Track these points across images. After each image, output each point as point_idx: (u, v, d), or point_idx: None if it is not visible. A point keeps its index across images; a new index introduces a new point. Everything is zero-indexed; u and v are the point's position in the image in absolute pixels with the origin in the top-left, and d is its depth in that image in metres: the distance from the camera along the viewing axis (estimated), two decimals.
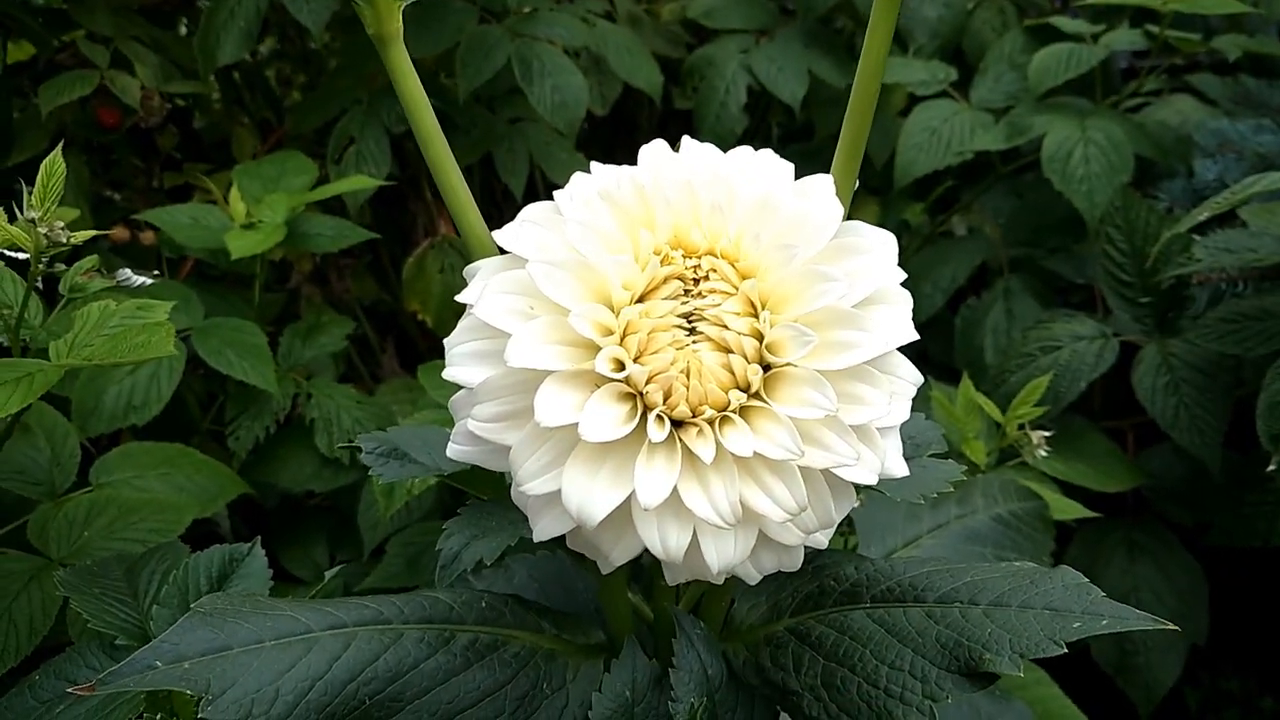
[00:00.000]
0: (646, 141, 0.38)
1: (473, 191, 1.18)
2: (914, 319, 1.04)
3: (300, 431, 0.91)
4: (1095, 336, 0.83)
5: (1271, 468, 0.65)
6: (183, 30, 1.18)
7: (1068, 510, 0.72)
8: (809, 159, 1.28)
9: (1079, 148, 0.92)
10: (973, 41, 1.18)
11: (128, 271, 0.59)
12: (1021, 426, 0.72)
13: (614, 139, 1.48)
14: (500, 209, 1.35)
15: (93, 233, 0.52)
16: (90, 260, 0.59)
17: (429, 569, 0.85)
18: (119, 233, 1.07)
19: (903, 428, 0.49)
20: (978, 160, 1.13)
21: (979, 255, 1.07)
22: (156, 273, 0.62)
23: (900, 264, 1.01)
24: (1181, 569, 0.83)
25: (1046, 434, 0.71)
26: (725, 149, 1.12)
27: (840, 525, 0.67)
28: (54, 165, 0.49)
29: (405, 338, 1.36)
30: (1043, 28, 1.05)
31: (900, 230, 1.24)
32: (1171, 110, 1.12)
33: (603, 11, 1.20)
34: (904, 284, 1.07)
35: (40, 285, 0.59)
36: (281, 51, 1.37)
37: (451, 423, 0.36)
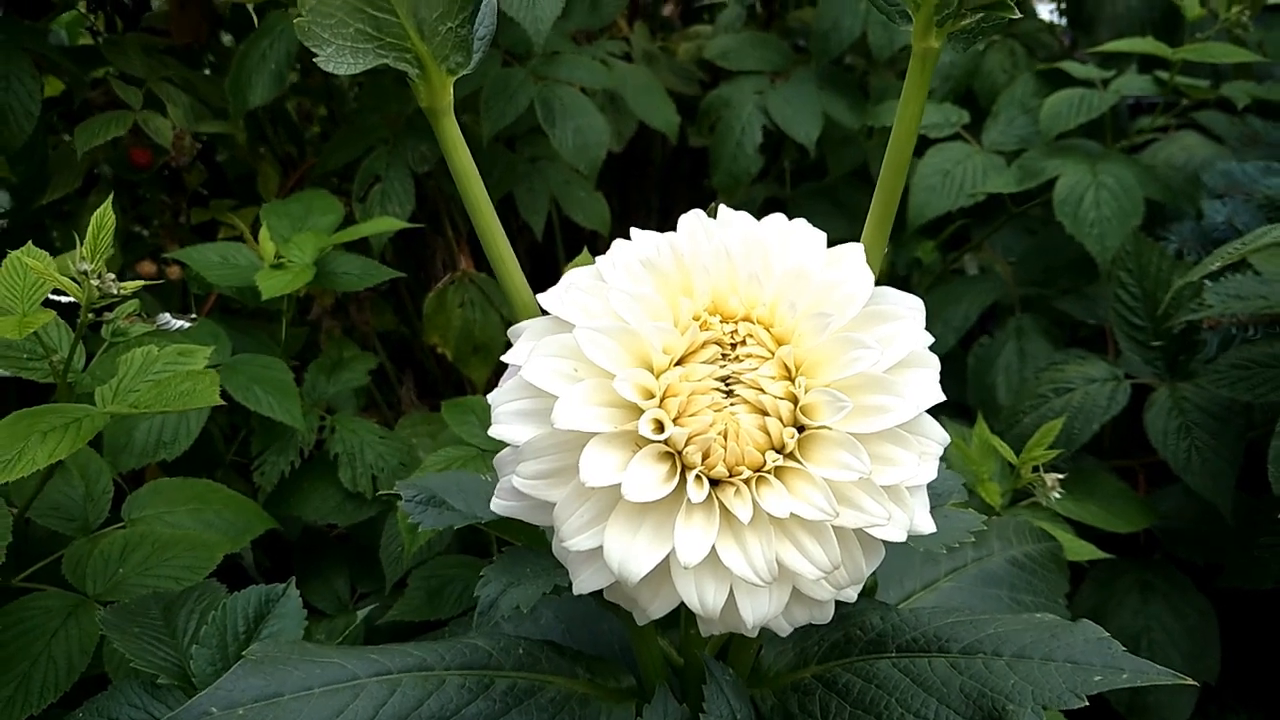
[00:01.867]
0: (659, 179, 0.39)
1: None
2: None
3: (324, 465, 0.92)
4: (1108, 379, 0.84)
5: None
6: (207, 69, 1.21)
7: (1081, 551, 0.73)
8: (821, 196, 1.30)
9: (1090, 191, 0.93)
10: (984, 83, 1.20)
11: (167, 316, 0.61)
12: (1036, 469, 0.74)
13: (627, 174, 1.51)
14: (515, 246, 1.37)
15: (141, 283, 0.53)
16: (132, 305, 0.61)
17: (449, 602, 0.86)
18: (146, 268, 1.09)
19: None
20: (990, 199, 1.14)
21: (991, 294, 1.08)
22: (194, 316, 0.63)
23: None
24: (1193, 609, 0.84)
25: (1060, 476, 0.72)
26: (739, 188, 1.14)
27: None
28: (104, 219, 0.51)
29: (422, 369, 1.37)
30: (1054, 72, 1.07)
31: (912, 268, 1.26)
32: (1178, 147, 1.13)
33: (621, 53, 1.22)
34: None
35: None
36: (302, 86, 1.40)
37: (477, 462, 0.38)
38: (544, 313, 0.37)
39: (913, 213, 1.03)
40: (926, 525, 0.37)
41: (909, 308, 0.36)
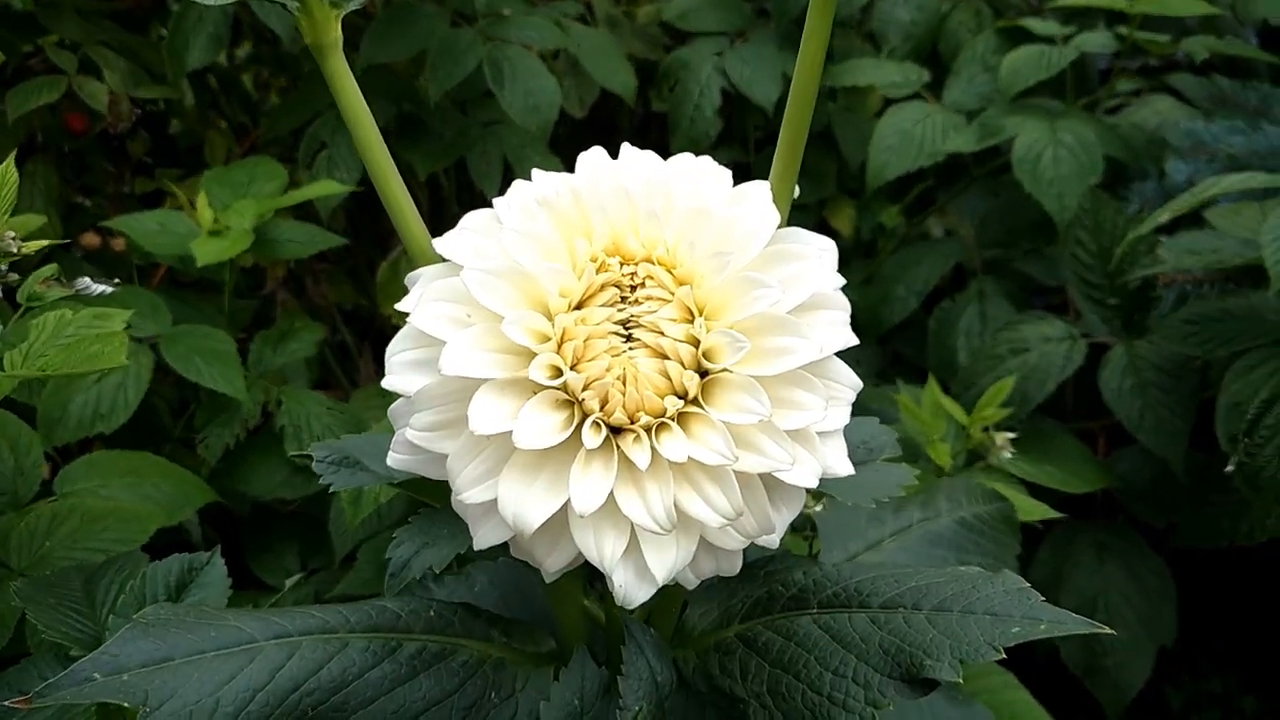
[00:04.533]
0: (626, 143, 0.38)
1: (450, 195, 1.18)
2: (887, 323, 1.05)
3: (271, 439, 0.90)
4: (1064, 338, 0.83)
5: (1229, 468, 0.65)
6: (158, 36, 1.18)
7: (1034, 512, 0.72)
8: None
9: (1049, 149, 0.92)
10: (948, 43, 1.18)
11: (87, 280, 0.59)
12: (986, 429, 0.73)
13: (593, 141, 1.48)
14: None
15: (46, 243, 0.51)
16: (49, 269, 0.58)
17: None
18: (90, 239, 1.07)
19: (856, 433, 0.49)
20: (953, 161, 1.13)
21: (953, 257, 1.07)
22: (117, 280, 0.61)
23: (875, 267, 1.02)
24: (1150, 571, 0.84)
25: (1011, 436, 0.71)
26: (699, 151, 1.12)
27: (804, 529, 0.67)
28: (6, 174, 0.49)
29: (383, 341, 1.35)
30: (1014, 30, 1.05)
31: (876, 232, 1.24)
32: (1150, 110, 1.12)
33: (577, 15, 1.20)
34: (877, 287, 1.07)
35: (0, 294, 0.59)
36: (258, 55, 1.37)
37: None
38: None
39: (871, 174, 1.02)
40: (842, 468, 0.35)
41: (817, 248, 0.35)
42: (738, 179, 0.38)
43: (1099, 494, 0.87)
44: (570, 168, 0.37)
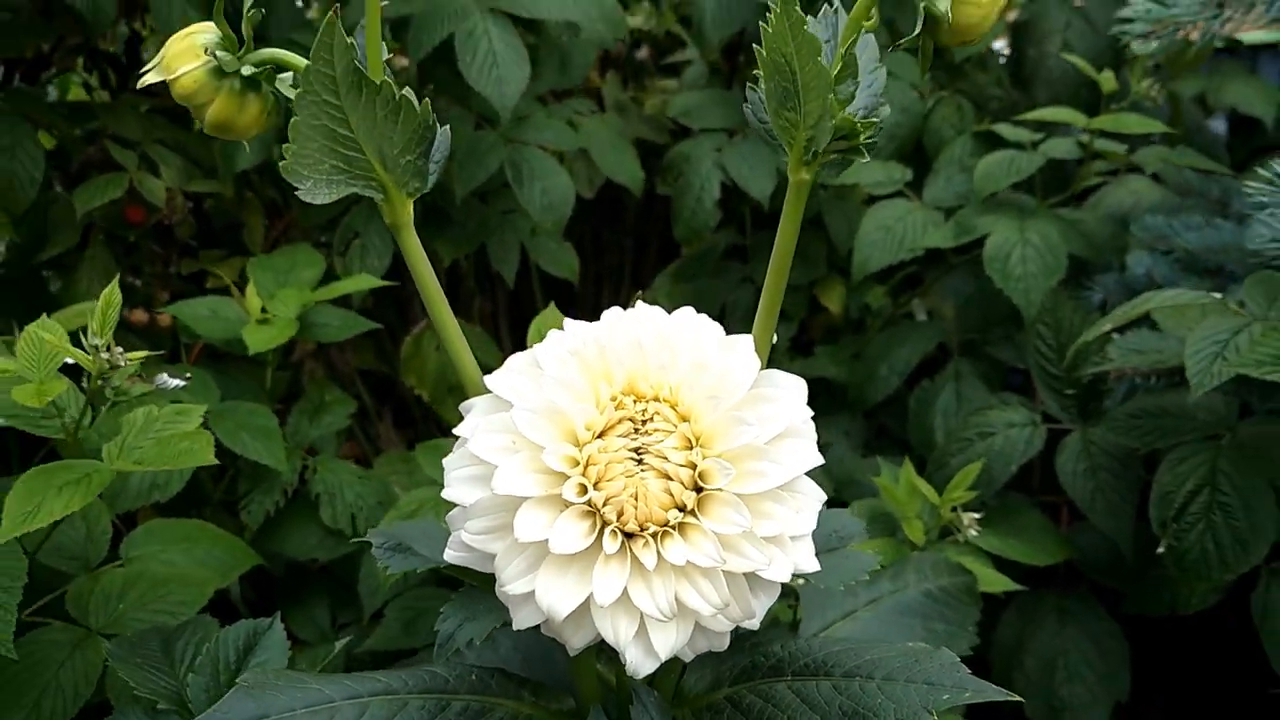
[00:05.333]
0: (632, 219, 0.46)
1: (468, 271, 1.28)
2: (871, 399, 1.14)
3: (305, 504, 0.99)
4: (1026, 424, 0.92)
5: (1160, 550, 0.73)
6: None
7: (997, 584, 0.80)
8: None
9: (1018, 249, 1.02)
10: (932, 138, 1.29)
11: (164, 376, 0.68)
12: (955, 509, 0.81)
13: (601, 218, 1.58)
14: (493, 286, 1.45)
15: (144, 354, 0.60)
16: (133, 366, 0.67)
17: (424, 632, 0.93)
18: (138, 316, 1.16)
19: (829, 524, 0.58)
20: (934, 250, 1.22)
21: (934, 340, 1.16)
22: (189, 375, 0.70)
23: (863, 345, 1.13)
24: (1106, 634, 0.92)
25: (977, 516, 0.80)
26: (700, 239, 1.22)
27: (788, 598, 0.76)
28: (111, 296, 0.58)
29: (402, 405, 1.44)
30: (988, 134, 1.15)
31: (864, 311, 1.34)
32: (1126, 190, 1.21)
33: (589, 110, 1.30)
34: (864, 365, 1.17)
35: (85, 384, 0.68)
36: (283, 135, 1.47)
37: (444, 504, 0.44)
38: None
39: (857, 267, 1.11)
40: (810, 565, 0.44)
41: (790, 388, 0.44)
42: (735, 260, 0.44)
43: (1061, 564, 0.95)
44: (579, 243, 0.45)
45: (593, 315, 0.45)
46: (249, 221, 1.25)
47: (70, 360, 0.63)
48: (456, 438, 0.44)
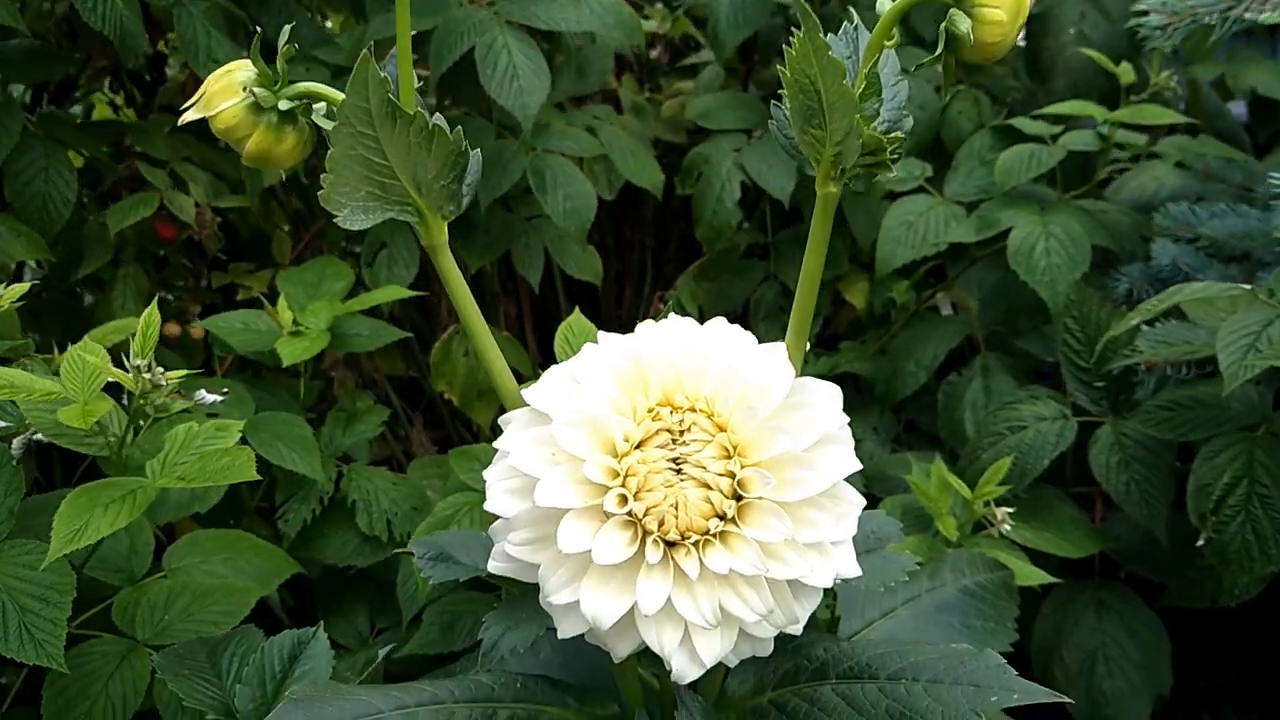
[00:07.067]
0: (652, 218, 0.47)
1: (492, 275, 1.29)
2: (899, 394, 1.14)
3: (342, 511, 1.00)
4: (1056, 417, 0.92)
5: (1200, 543, 0.73)
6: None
7: (1032, 577, 0.80)
8: (799, 242, 1.38)
9: (1041, 241, 1.02)
10: (949, 131, 1.28)
11: (203, 392, 0.69)
12: (988, 503, 0.81)
13: (621, 217, 1.59)
14: (517, 289, 1.46)
15: (184, 373, 0.62)
16: (173, 384, 0.69)
17: (462, 635, 0.94)
18: (172, 329, 1.18)
19: (866, 525, 0.58)
20: (956, 244, 1.22)
21: (959, 334, 1.16)
22: (226, 390, 0.72)
23: (887, 340, 1.13)
24: (1145, 626, 0.91)
25: (1009, 510, 0.80)
26: (722, 239, 1.22)
27: (826, 599, 0.76)
28: (151, 318, 0.59)
29: (432, 409, 1.45)
30: (1007, 128, 1.15)
31: (889, 305, 1.33)
32: (1149, 176, 1.20)
33: (607, 116, 1.31)
34: (890, 360, 1.17)
35: (125, 400, 0.69)
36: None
37: (483, 510, 0.45)
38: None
39: (879, 263, 1.11)
40: (851, 570, 0.45)
41: (824, 396, 0.44)
42: (757, 259, 0.44)
43: (1098, 554, 0.95)
44: (601, 243, 0.46)
45: (616, 315, 0.45)
46: (275, 234, 1.27)
47: (111, 379, 0.64)
48: (488, 441, 0.44)
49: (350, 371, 1.33)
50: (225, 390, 0.71)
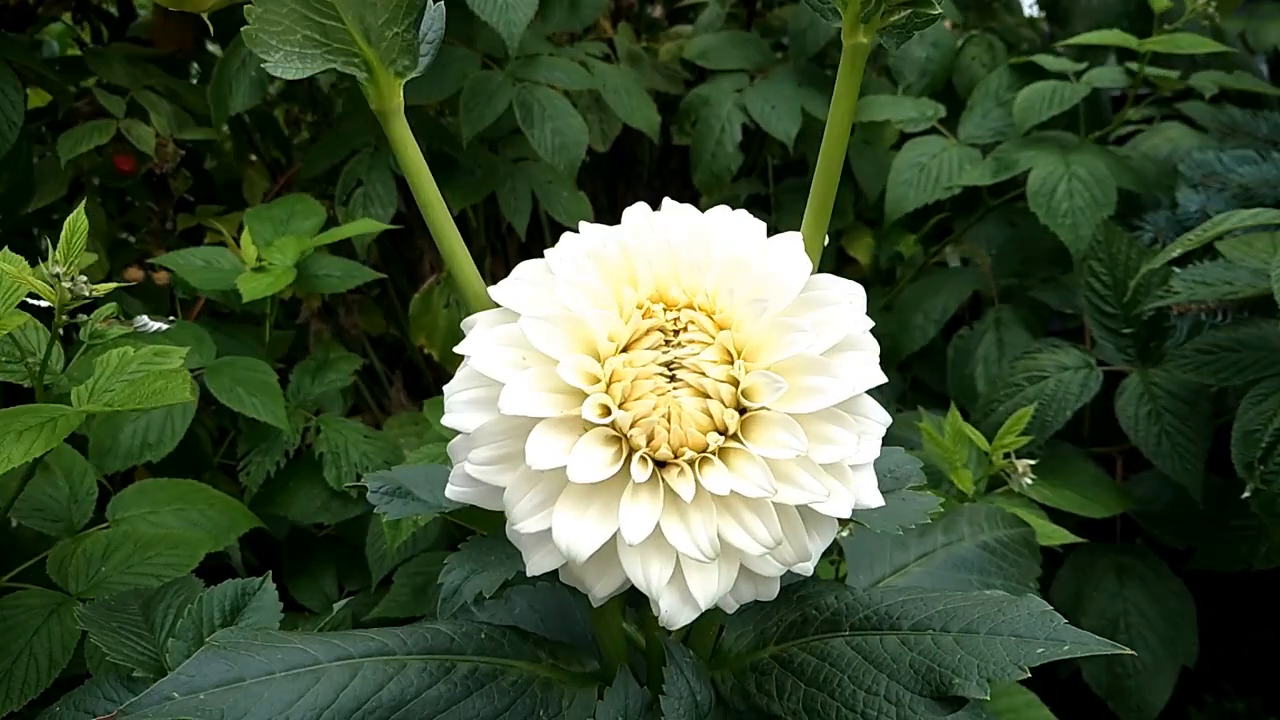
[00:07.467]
0: (648, 176, 0.40)
1: (478, 228, 1.21)
2: (906, 350, 1.07)
3: (310, 465, 0.93)
4: (1080, 366, 0.85)
5: (1246, 494, 0.67)
6: (195, 79, 1.22)
7: (1054, 536, 0.74)
8: (803, 192, 1.31)
9: (1063, 182, 0.94)
10: (962, 77, 1.21)
11: (145, 318, 0.62)
12: (1007, 455, 0.74)
13: (615, 173, 1.52)
14: (505, 245, 1.39)
15: (113, 285, 0.54)
16: (109, 308, 0.62)
17: (435, 599, 0.87)
18: (133, 274, 1.11)
19: (883, 462, 0.51)
20: (968, 192, 1.15)
21: (970, 286, 1.09)
22: (172, 318, 0.64)
23: (894, 295, 1.05)
24: (1170, 592, 0.85)
25: (1031, 463, 0.73)
26: (721, 186, 1.14)
27: (830, 554, 0.69)
28: (77, 222, 0.52)
29: (413, 370, 1.38)
30: (1028, 65, 1.08)
31: (895, 261, 1.27)
32: (1162, 138, 1.14)
33: (602, 54, 1.23)
34: (896, 315, 1.10)
35: (62, 331, 0.62)
36: (289, 92, 1.41)
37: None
38: (496, 306, 0.38)
39: (890, 206, 1.04)
40: (873, 500, 0.38)
41: (846, 293, 0.37)
42: (757, 211, 0.39)
43: (1118, 517, 0.88)
44: (594, 201, 0.40)
45: None
46: (247, 177, 1.20)
47: (39, 302, 0.57)
48: None
49: (327, 326, 1.26)
50: (172, 319, 0.64)
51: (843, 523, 0.63)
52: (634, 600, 0.53)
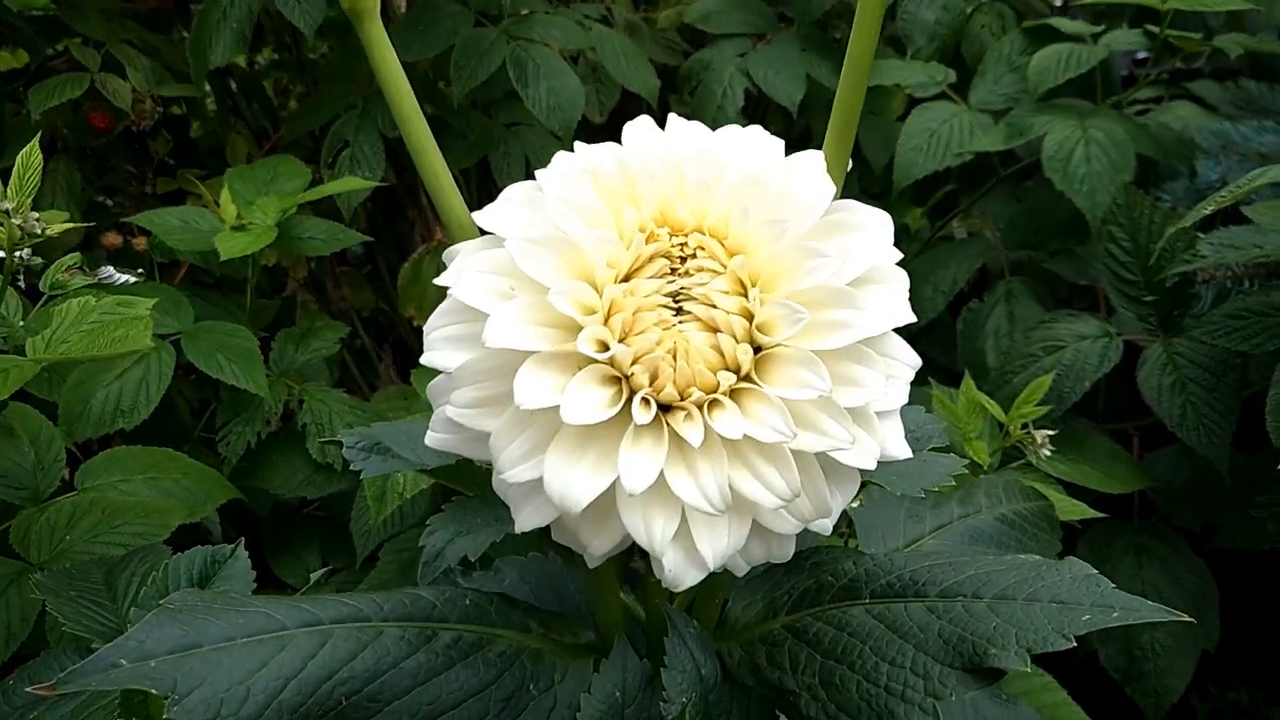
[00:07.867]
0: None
1: (469, 196, 1.16)
2: (914, 323, 1.03)
3: (293, 437, 0.90)
4: (1099, 336, 0.82)
5: None
6: (180, 37, 1.18)
7: (1073, 511, 0.70)
8: None
9: (1080, 147, 0.91)
10: (971, 45, 1.17)
11: (110, 269, 0.58)
12: (1025, 426, 0.71)
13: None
14: None
15: (70, 225, 0.51)
16: (72, 258, 0.58)
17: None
18: (111, 238, 1.06)
19: (903, 421, 0.47)
20: (977, 164, 1.11)
21: (979, 258, 1.05)
22: (140, 271, 0.60)
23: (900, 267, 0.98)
24: (1190, 573, 0.82)
25: (1051, 433, 0.69)
26: None
27: (840, 527, 0.65)
28: (30, 156, 0.48)
29: (403, 347, 1.35)
30: (1042, 29, 1.04)
31: (900, 234, 1.23)
32: (1173, 116, 1.11)
33: (599, 17, 1.19)
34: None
35: (22, 284, 0.58)
36: (279, 61, 1.37)
37: None
38: (484, 235, 0.34)
39: (899, 173, 1.00)
40: (900, 451, 0.34)
41: (873, 219, 0.33)
42: None
43: (1135, 496, 0.85)
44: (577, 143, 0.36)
45: None
46: (232, 141, 1.15)
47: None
48: None
49: (314, 298, 1.22)
50: (140, 271, 0.60)
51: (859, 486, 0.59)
52: (631, 579, 0.49)
